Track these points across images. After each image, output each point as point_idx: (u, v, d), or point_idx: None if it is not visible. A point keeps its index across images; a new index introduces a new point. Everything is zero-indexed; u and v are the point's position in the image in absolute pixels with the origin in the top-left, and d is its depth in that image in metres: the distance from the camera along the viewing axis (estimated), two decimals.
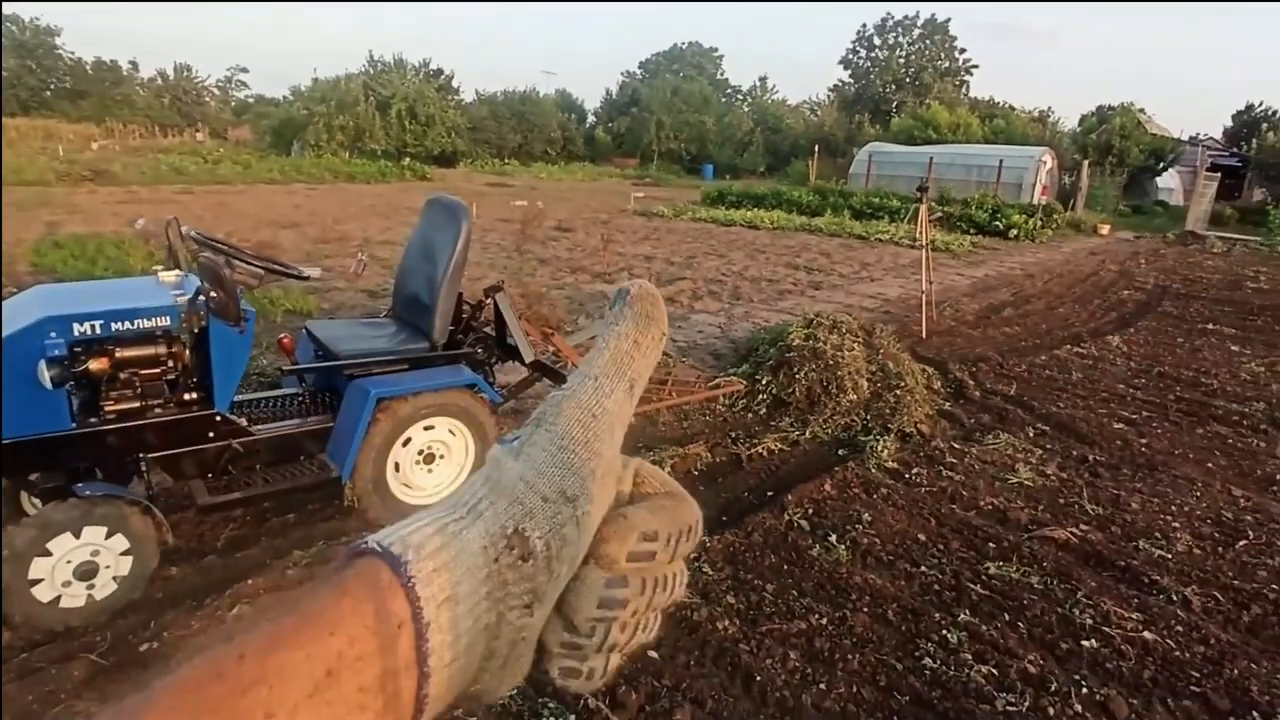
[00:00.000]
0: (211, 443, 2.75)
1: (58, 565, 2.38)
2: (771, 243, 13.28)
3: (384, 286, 7.62)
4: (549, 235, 12.26)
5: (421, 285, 3.23)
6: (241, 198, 16.24)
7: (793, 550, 3.12)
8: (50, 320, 2.38)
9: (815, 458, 4.11)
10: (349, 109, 30.84)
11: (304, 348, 3.29)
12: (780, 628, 2.61)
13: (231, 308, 2.52)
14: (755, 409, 4.69)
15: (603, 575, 0.37)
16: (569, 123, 42.68)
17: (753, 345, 5.56)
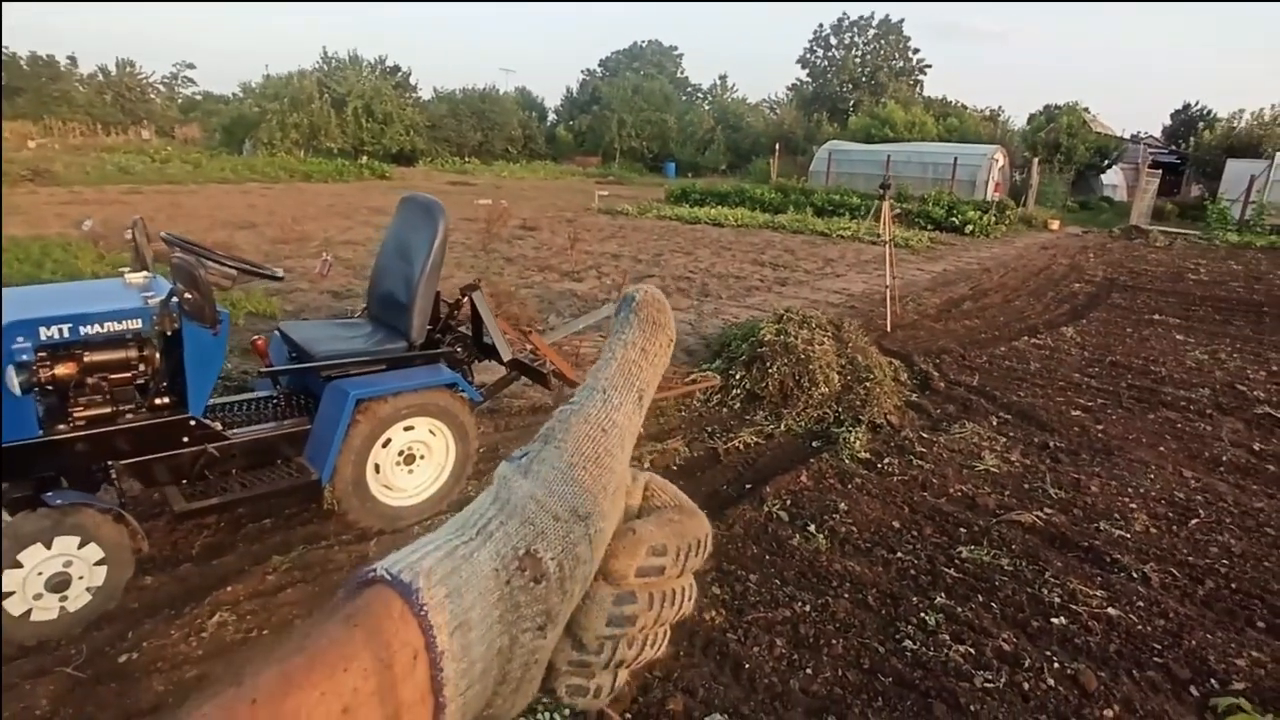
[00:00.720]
0: (186, 448, 2.69)
1: (29, 578, 2.31)
2: (736, 240, 13.41)
3: (348, 287, 7.51)
4: (514, 234, 12.19)
5: (398, 284, 3.20)
6: (194, 198, 15.79)
7: (773, 540, 3.18)
8: (17, 324, 2.30)
9: (790, 450, 4.18)
10: (303, 106, 30.22)
11: (277, 349, 3.24)
12: (765, 616, 2.66)
13: (207, 309, 2.47)
14: (730, 404, 4.75)
15: (611, 592, 0.37)
16: (530, 121, 42.39)
17: (725, 341, 5.63)
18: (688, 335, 6.57)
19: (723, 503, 3.52)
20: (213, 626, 2.49)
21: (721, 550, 3.07)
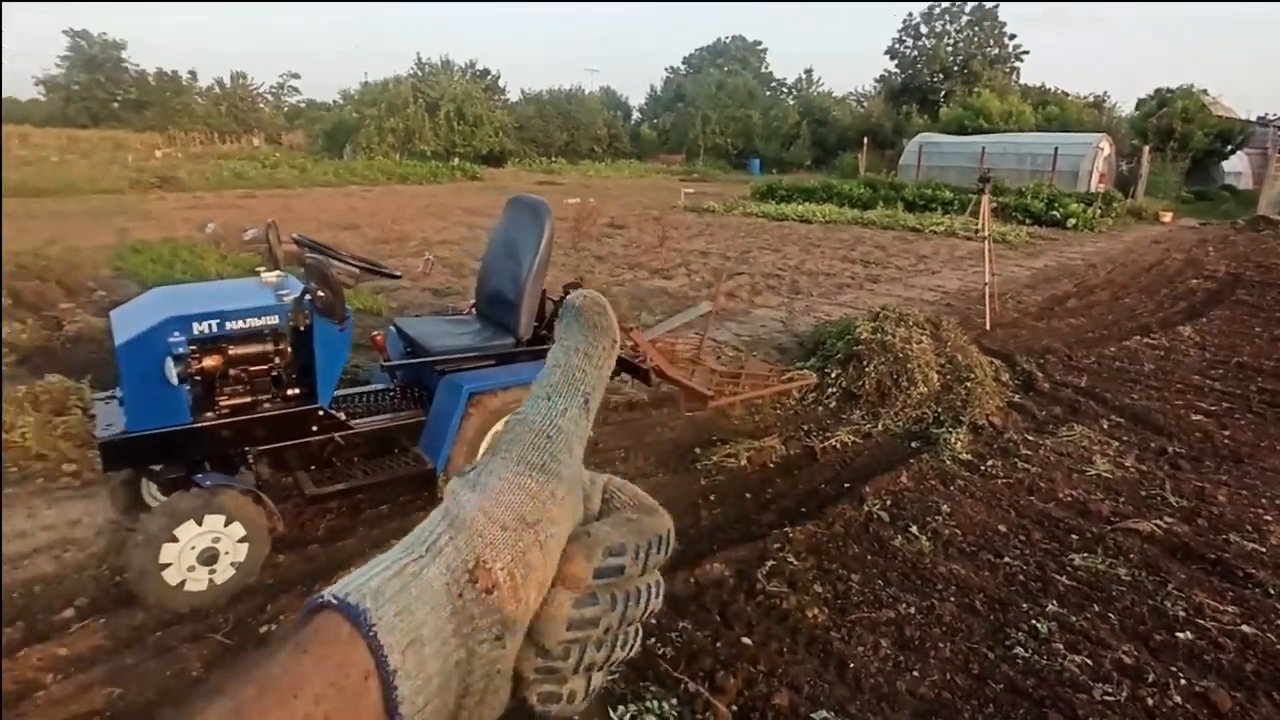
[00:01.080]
0: (315, 436, 2.88)
1: (183, 551, 2.53)
2: (825, 236, 13.18)
3: (447, 285, 7.82)
4: (603, 233, 12.37)
5: (506, 282, 3.33)
6: (301, 200, 16.75)
7: (875, 541, 3.14)
8: (174, 320, 2.53)
9: (889, 450, 4.11)
10: (399, 111, 31.47)
11: (393, 344, 3.42)
12: (869, 616, 2.64)
13: (337, 306, 2.64)
14: (825, 402, 4.70)
15: (571, 596, 0.36)
16: (614, 120, 42.82)
17: (819, 339, 5.56)
18: (779, 333, 6.53)
19: (822, 501, 3.49)
20: None
21: (822, 549, 3.06)
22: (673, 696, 2.22)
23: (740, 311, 7.27)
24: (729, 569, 2.90)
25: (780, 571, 2.88)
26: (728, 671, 2.32)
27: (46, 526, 3.11)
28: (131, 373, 2.47)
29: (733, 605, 2.68)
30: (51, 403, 3.87)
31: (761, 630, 2.54)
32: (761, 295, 8.05)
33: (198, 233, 10.76)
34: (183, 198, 16.77)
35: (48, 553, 2.93)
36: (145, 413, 2.52)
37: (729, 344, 6.03)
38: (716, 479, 3.74)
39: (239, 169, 22.39)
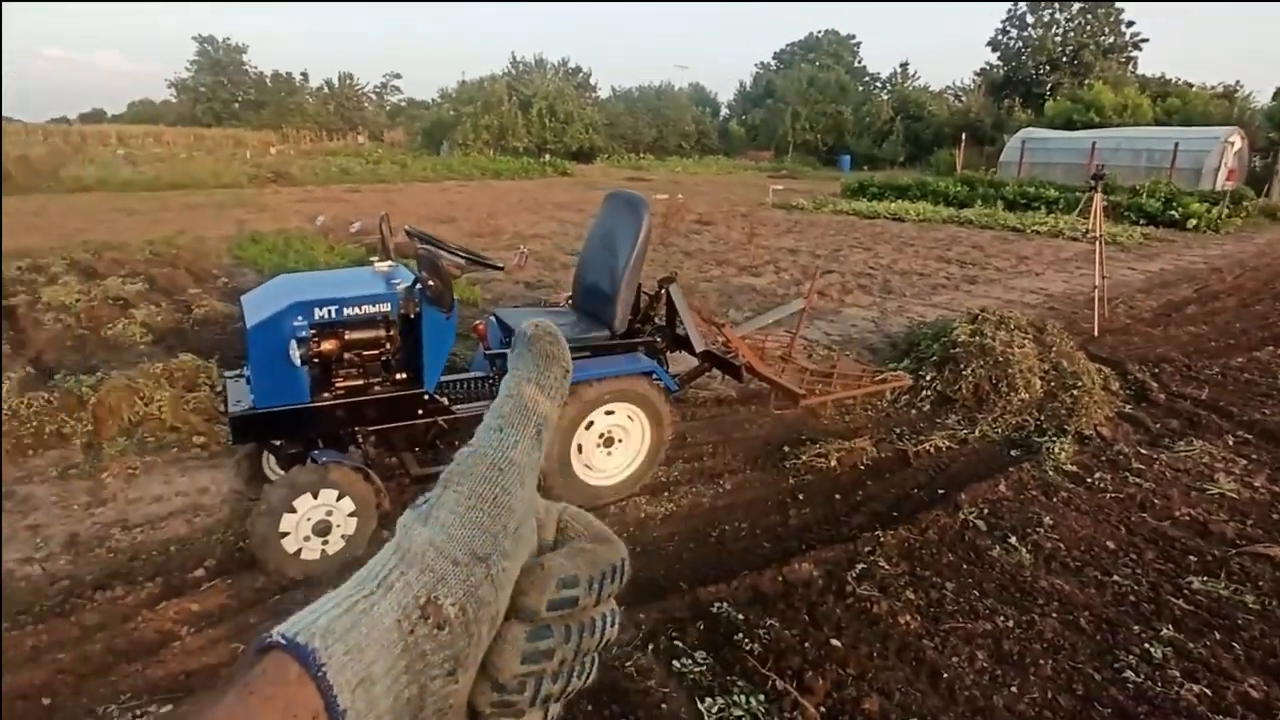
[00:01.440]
0: (420, 419, 3.02)
1: (300, 521, 2.71)
2: (919, 235, 12.75)
3: (539, 278, 8.01)
4: (690, 229, 12.37)
5: (603, 276, 3.40)
6: (401, 194, 17.48)
7: (971, 550, 3.04)
8: (298, 305, 2.70)
9: (986, 457, 3.96)
10: (493, 109, 32.39)
11: (493, 333, 3.54)
12: (964, 626, 2.56)
13: (446, 295, 2.76)
14: (919, 405, 4.56)
15: (524, 629, 0.36)
16: (703, 116, 42.71)
17: (913, 340, 5.40)
18: (871, 333, 6.38)
19: (914, 506, 3.41)
20: None
21: (915, 555, 2.99)
22: (760, 693, 2.22)
23: (830, 310, 7.14)
24: (818, 569, 2.87)
25: (871, 575, 2.83)
26: (816, 672, 2.30)
27: (180, 493, 3.39)
28: (259, 353, 2.66)
29: (821, 606, 2.65)
30: (184, 379, 4.20)
31: (851, 633, 2.51)
32: (852, 294, 7.87)
33: (308, 224, 11.41)
34: (294, 191, 17.81)
35: (181, 517, 3.20)
36: (270, 391, 2.71)
37: (819, 343, 5.94)
38: (805, 478, 3.70)
39: (345, 165, 23.58)
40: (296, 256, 8.65)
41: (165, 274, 7.84)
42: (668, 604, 2.65)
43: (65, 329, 5.75)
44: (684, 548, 3.08)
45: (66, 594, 2.65)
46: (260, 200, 15.73)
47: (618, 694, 2.20)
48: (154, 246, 9.34)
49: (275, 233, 10.45)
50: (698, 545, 3.11)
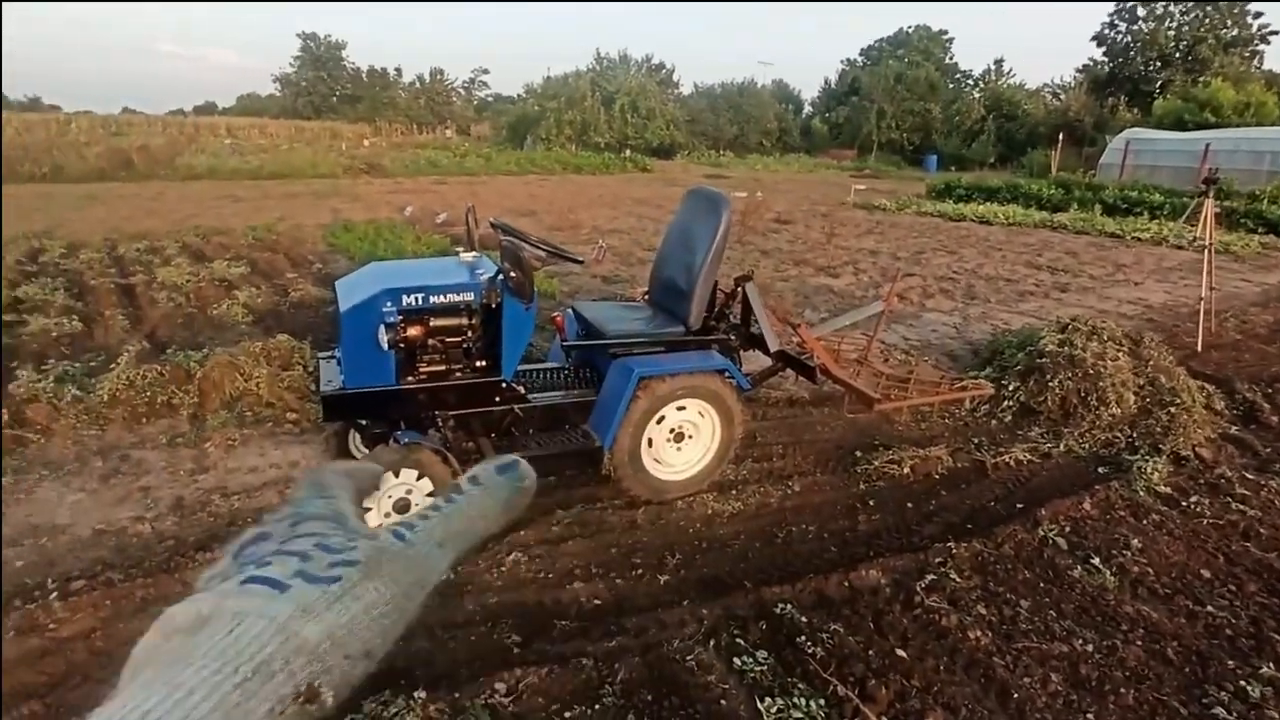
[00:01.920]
0: (497, 406, 3.12)
1: (381, 498, 2.84)
2: (1007, 240, 12.24)
3: (615, 273, 8.10)
4: (769, 227, 12.25)
5: (680, 272, 3.42)
6: (485, 187, 17.94)
7: (1049, 568, 2.93)
8: (388, 292, 2.83)
9: (1070, 473, 3.79)
10: (577, 104, 32.80)
11: (570, 326, 3.62)
12: (1039, 647, 2.47)
13: (526, 287, 2.84)
14: (1000, 416, 4.40)
15: None
16: (785, 114, 42.11)
17: (997, 348, 5.21)
18: (951, 339, 6.18)
19: (990, 519, 3.30)
20: (510, 563, 2.88)
21: (988, 569, 2.90)
22: (820, 697, 2.21)
23: (910, 315, 6.95)
24: (885, 577, 2.82)
25: (941, 587, 2.76)
26: (879, 681, 2.27)
27: (273, 464, 3.61)
28: (350, 336, 2.80)
29: (887, 615, 2.61)
30: (280, 358, 4.46)
31: (917, 644, 2.46)
32: (934, 299, 7.64)
33: (397, 214, 11.86)
34: (385, 183, 18.53)
35: (273, 487, 3.40)
36: (359, 372, 2.85)
37: (897, 347, 5.80)
38: (876, 485, 3.63)
39: (433, 158, 24.35)
40: (385, 245, 9.01)
41: (265, 258, 8.31)
42: (730, 601, 2.65)
43: (176, 307, 6.17)
44: (749, 547, 3.08)
45: (171, 552, 2.86)
46: (353, 190, 16.43)
47: (677, 686, 2.23)
48: (256, 232, 9.90)
49: (366, 222, 10.91)
50: (763, 545, 3.10)
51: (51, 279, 6.82)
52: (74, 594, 2.59)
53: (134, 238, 9.27)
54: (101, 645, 2.36)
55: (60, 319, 5.56)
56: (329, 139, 30.29)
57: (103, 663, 2.29)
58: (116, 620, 2.48)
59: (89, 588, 2.62)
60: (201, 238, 9.46)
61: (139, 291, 6.68)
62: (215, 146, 24.31)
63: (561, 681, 2.23)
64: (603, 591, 2.74)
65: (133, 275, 7.22)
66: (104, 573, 2.71)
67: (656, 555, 2.97)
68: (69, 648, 2.36)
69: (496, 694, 2.16)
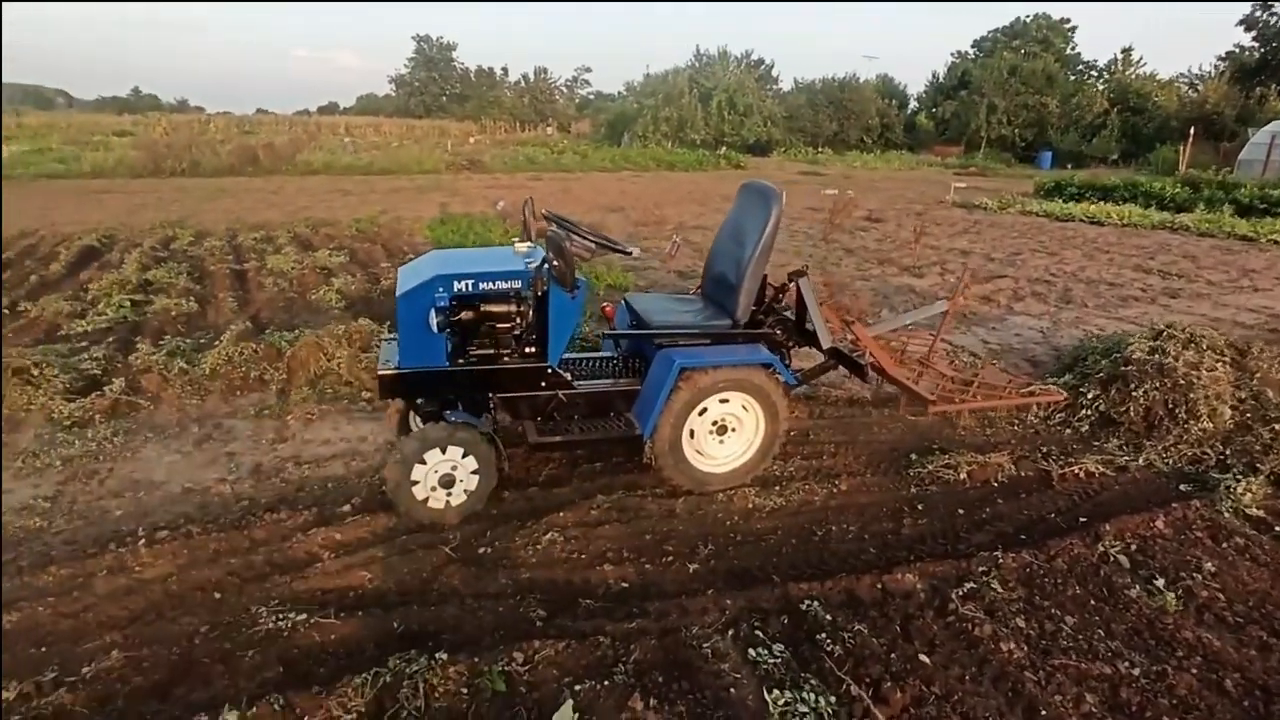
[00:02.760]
0: (542, 391, 3.23)
1: (429, 473, 3.00)
2: (1118, 241, 11.43)
3: (693, 268, 8.12)
4: (858, 225, 11.94)
5: (729, 265, 3.43)
6: (579, 183, 18.31)
7: (1104, 586, 2.76)
8: (439, 278, 2.99)
9: (1147, 489, 3.55)
10: (674, 101, 32.87)
11: (621, 317, 3.69)
12: (1078, 665, 2.35)
13: (568, 276, 2.92)
14: (1075, 425, 4.16)
15: None
16: (888, 109, 40.70)
17: (1079, 354, 4.91)
18: (1036, 344, 5.86)
19: (1047, 531, 3.14)
20: (545, 542, 2.98)
21: (1035, 581, 2.77)
22: (832, 694, 2.18)
23: (995, 317, 6.64)
24: (922, 582, 2.74)
25: (980, 596, 2.66)
26: (896, 684, 2.22)
27: (344, 439, 3.86)
28: (405, 319, 2.98)
29: (917, 619, 2.54)
30: (360, 341, 4.75)
31: (944, 652, 2.39)
32: (1023, 301, 7.25)
33: (489, 209, 12.30)
34: (484, 178, 19.22)
35: (341, 459, 3.65)
36: (412, 353, 3.02)
37: (971, 350, 5.56)
38: (928, 489, 3.52)
39: (531, 154, 25.05)
40: (475, 237, 9.38)
41: (364, 248, 8.82)
42: (755, 594, 2.66)
43: (279, 291, 6.67)
44: (784, 542, 3.06)
45: (244, 512, 3.13)
46: (454, 185, 17.14)
47: (688, 671, 2.26)
48: (359, 224, 10.52)
49: (462, 215, 11.38)
50: (799, 542, 3.07)
51: (178, 264, 7.50)
52: (158, 542, 2.88)
53: (252, 228, 10.04)
54: (175, 589, 2.62)
55: (180, 300, 6.11)
56: (437, 136, 31.67)
57: (175, 604, 2.54)
58: (191, 568, 2.74)
59: (171, 538, 2.91)
60: (311, 228, 10.13)
61: (250, 276, 7.25)
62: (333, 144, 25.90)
63: (577, 656, 2.31)
64: (631, 575, 2.80)
65: (246, 262, 7.84)
66: (185, 526, 3.00)
67: (689, 544, 3.01)
68: (149, 588, 2.63)
69: (514, 662, 2.26)
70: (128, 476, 3.43)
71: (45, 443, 3.66)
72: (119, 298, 6.04)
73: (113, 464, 3.54)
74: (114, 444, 3.71)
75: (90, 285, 6.52)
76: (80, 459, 3.55)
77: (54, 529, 2.98)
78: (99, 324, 5.48)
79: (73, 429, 3.82)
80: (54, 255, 7.87)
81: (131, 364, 4.57)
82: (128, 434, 3.84)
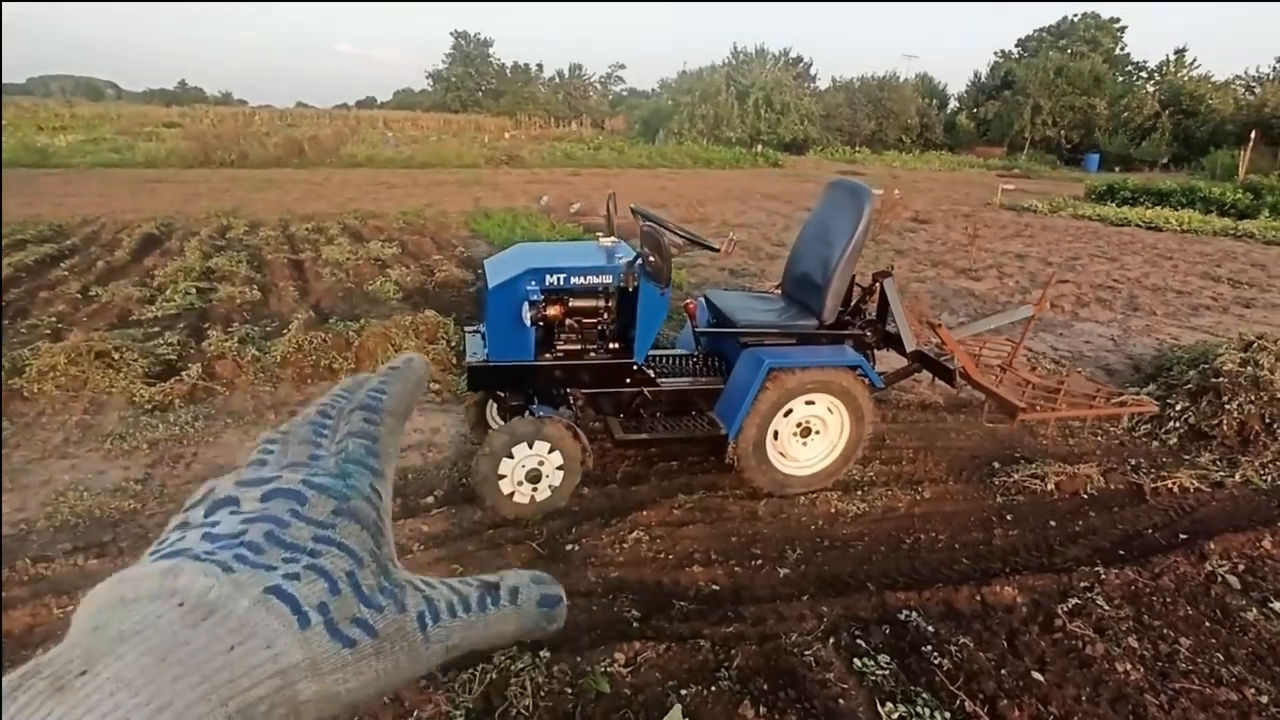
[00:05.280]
0: (628, 388, 3.19)
1: (515, 467, 2.98)
2: (1180, 248, 11.11)
3: (743, 266, 8.04)
4: (905, 226, 11.76)
5: (815, 265, 3.35)
6: (617, 180, 18.26)
7: (1217, 607, 2.65)
8: (533, 271, 2.96)
9: (1247, 507, 3.41)
10: (711, 98, 32.72)
11: (702, 313, 3.64)
12: (1201, 690, 2.25)
13: (664, 271, 2.88)
14: (1163, 437, 4.02)
15: None
16: (928, 109, 40.10)
17: (1163, 364, 4.75)
18: (1108, 352, 5.70)
19: (1147, 548, 3.03)
20: (631, 540, 2.95)
21: (1142, 600, 2.67)
22: (946, 710, 2.12)
23: (1061, 324, 6.47)
24: (1022, 596, 2.66)
25: (1086, 613, 2.57)
26: (1012, 702, 2.15)
27: (417, 430, 3.86)
28: (496, 311, 2.95)
29: (1023, 635, 2.46)
30: (426, 332, 4.76)
31: (1056, 669, 2.31)
32: (1089, 308, 7.06)
33: (533, 204, 12.32)
34: (522, 173, 19.27)
35: (417, 450, 3.65)
36: (502, 346, 3.00)
37: (1046, 356, 5.42)
38: (1015, 499, 3.42)
39: (568, 150, 25.08)
40: (521, 231, 9.39)
41: (414, 241, 8.87)
42: (851, 602, 2.60)
43: (337, 281, 6.71)
44: (874, 549, 2.99)
45: None
46: (494, 180, 17.21)
47: (794, 679, 2.21)
48: (406, 217, 10.58)
49: (504, 210, 11.40)
50: (889, 549, 3.00)
51: (236, 252, 7.59)
52: None
53: (303, 219, 10.15)
54: None
55: (243, 288, 6.18)
56: (473, 131, 31.87)
57: None
58: None
59: None
60: (359, 220, 10.21)
61: (306, 266, 7.32)
62: (373, 138, 26.17)
63: (679, 659, 2.26)
64: (721, 577, 2.75)
65: (301, 252, 7.92)
66: None
67: (777, 548, 2.95)
68: None
69: (616, 663, 2.22)
70: (212, 461, 3.46)
71: (130, 425, 3.71)
72: (185, 284, 6.12)
73: (196, 448, 3.57)
74: (195, 428, 3.75)
75: (156, 271, 6.62)
76: (165, 442, 3.59)
77: (147, 511, 3.01)
78: (168, 310, 5.56)
79: (154, 412, 3.87)
80: (117, 242, 8.01)
81: (205, 350, 4.62)
82: (207, 419, 3.88)
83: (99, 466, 3.34)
